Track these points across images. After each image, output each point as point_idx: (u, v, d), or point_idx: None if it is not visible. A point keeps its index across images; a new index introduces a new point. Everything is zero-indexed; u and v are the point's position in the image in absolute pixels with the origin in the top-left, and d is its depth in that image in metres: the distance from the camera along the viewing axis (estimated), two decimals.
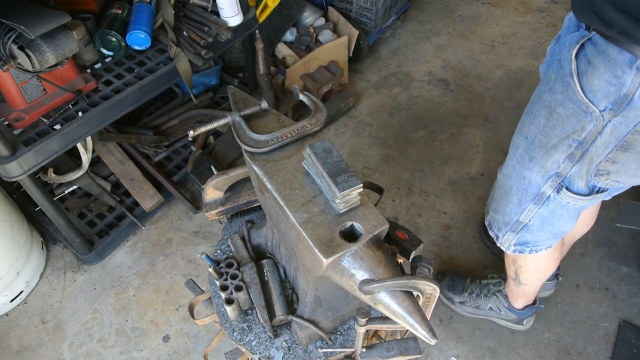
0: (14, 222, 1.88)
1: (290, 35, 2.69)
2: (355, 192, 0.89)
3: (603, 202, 2.07)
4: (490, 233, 1.41)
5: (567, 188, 1.13)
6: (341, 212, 0.91)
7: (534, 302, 1.72)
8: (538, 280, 1.57)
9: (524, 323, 1.75)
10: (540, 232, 1.28)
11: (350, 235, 0.91)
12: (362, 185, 0.89)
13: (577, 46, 0.96)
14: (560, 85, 1.01)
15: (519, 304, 1.71)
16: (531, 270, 1.52)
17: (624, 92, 0.91)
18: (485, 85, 2.75)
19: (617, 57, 0.90)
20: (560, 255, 1.49)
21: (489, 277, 1.80)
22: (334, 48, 2.55)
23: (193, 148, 2.30)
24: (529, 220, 1.26)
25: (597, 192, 1.13)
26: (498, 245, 1.39)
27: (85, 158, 1.93)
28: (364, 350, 1.06)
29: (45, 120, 1.65)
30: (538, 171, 1.15)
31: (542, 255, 1.43)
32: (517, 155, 1.20)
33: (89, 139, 1.90)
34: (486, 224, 1.42)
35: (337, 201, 0.89)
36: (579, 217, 1.27)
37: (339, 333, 1.16)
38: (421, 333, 0.82)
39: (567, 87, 0.99)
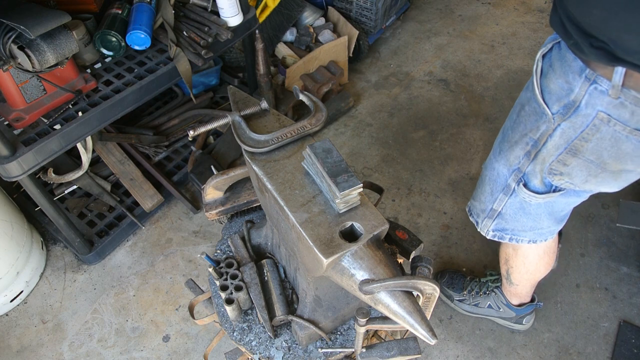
0: (14, 222, 1.88)
1: (290, 35, 2.69)
2: (355, 192, 0.89)
3: (603, 202, 2.08)
4: (471, 219, 1.45)
5: (525, 184, 1.18)
6: (341, 212, 0.91)
7: (532, 300, 1.72)
8: (528, 281, 1.58)
9: (523, 322, 1.75)
10: (515, 221, 1.31)
11: (350, 235, 0.91)
12: (362, 185, 0.89)
13: (546, 49, 1.03)
14: (530, 84, 1.09)
15: (514, 301, 1.72)
16: (521, 271, 1.53)
17: (572, 97, 0.97)
18: (485, 85, 2.75)
19: (571, 64, 0.95)
20: (552, 262, 1.50)
21: (488, 275, 1.81)
22: (334, 48, 2.55)
23: (193, 148, 2.30)
24: (502, 209, 1.30)
25: (554, 191, 1.17)
26: (478, 230, 1.42)
27: (85, 158, 1.93)
28: (364, 350, 1.06)
29: (45, 120, 1.65)
30: (504, 164, 1.21)
31: (531, 256, 1.45)
32: (495, 147, 1.28)
33: (89, 139, 1.90)
34: (466, 210, 1.47)
35: (337, 201, 0.89)
36: (563, 219, 1.29)
37: (339, 333, 1.16)
38: (421, 333, 0.82)
39: (533, 89, 1.07)
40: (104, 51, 1.83)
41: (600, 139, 0.97)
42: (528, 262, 1.48)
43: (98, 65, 1.83)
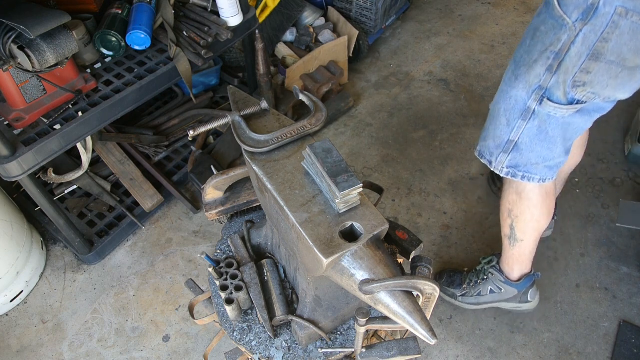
0: (14, 222, 1.88)
1: (290, 35, 2.69)
2: (355, 192, 0.89)
3: (603, 202, 2.08)
4: (483, 161, 1.45)
5: (548, 99, 1.22)
6: (341, 212, 0.91)
7: (530, 271, 1.72)
8: (533, 232, 1.57)
9: (529, 299, 1.74)
10: (530, 151, 1.34)
11: (350, 235, 0.91)
12: (362, 185, 0.89)
13: None
14: (544, 6, 1.16)
15: (515, 273, 1.70)
16: (527, 218, 1.53)
17: (591, 1, 1.03)
18: (485, 85, 2.75)
19: None
20: (552, 208, 1.52)
21: (481, 261, 1.81)
22: (334, 48, 2.55)
23: (193, 148, 2.30)
24: (519, 138, 1.33)
25: (577, 103, 1.21)
26: (492, 169, 1.43)
27: (85, 158, 1.93)
28: (364, 350, 1.06)
29: (45, 120, 1.65)
30: (523, 87, 1.25)
31: (534, 199, 1.47)
32: (506, 79, 1.32)
33: (89, 139, 1.90)
34: (476, 155, 1.48)
35: (337, 201, 0.89)
36: (569, 149, 1.35)
37: (339, 333, 1.16)
38: (421, 333, 0.82)
39: (547, 6, 1.13)
40: (104, 51, 1.83)
41: (619, 35, 1.04)
42: (532, 205, 1.49)
43: (98, 65, 1.83)
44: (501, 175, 1.43)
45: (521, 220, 1.55)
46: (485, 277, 1.76)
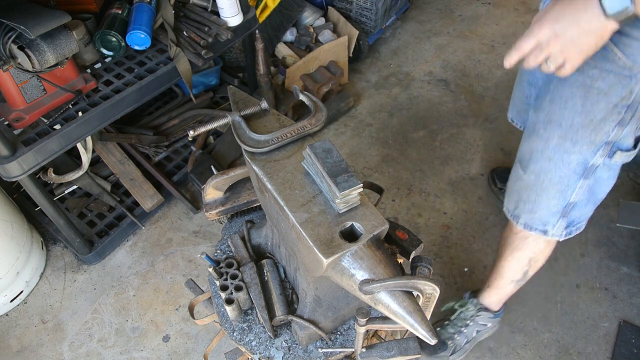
0: (14, 222, 1.88)
1: (290, 35, 2.69)
2: (355, 192, 0.89)
3: (603, 202, 2.08)
4: (534, 233, 1.36)
5: (619, 149, 1.13)
6: (341, 212, 0.91)
7: None
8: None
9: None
10: (587, 205, 1.26)
11: (350, 235, 0.91)
12: (362, 185, 0.89)
13: None
14: (594, 61, 1.00)
15: (500, 305, 1.68)
16: (545, 258, 1.47)
17: None
18: (485, 85, 2.75)
19: None
20: None
21: (457, 311, 1.72)
22: (334, 48, 2.55)
23: (193, 148, 2.30)
24: (579, 197, 1.24)
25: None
26: (549, 238, 1.35)
27: (85, 158, 1.93)
28: (364, 350, 1.06)
29: (45, 120, 1.65)
30: (587, 149, 1.13)
31: (553, 243, 1.41)
32: (552, 146, 1.17)
33: (89, 139, 1.90)
34: (521, 228, 1.37)
35: (337, 201, 0.89)
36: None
37: (339, 333, 1.16)
38: (421, 333, 0.82)
39: (602, 61, 0.99)
40: (104, 51, 1.83)
41: None
42: (552, 245, 1.44)
43: (98, 65, 1.83)
44: (560, 239, 1.33)
45: (540, 263, 1.49)
46: (469, 323, 1.69)
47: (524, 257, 1.47)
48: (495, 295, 1.65)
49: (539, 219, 1.32)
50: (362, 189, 0.90)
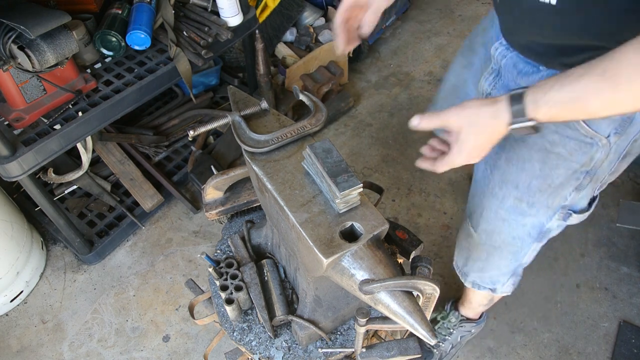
0: (14, 222, 1.88)
1: (290, 35, 2.69)
2: (355, 192, 0.89)
3: (603, 202, 2.08)
4: (481, 291, 1.36)
5: (574, 212, 1.11)
6: (341, 212, 0.91)
7: None
8: None
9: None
10: (530, 259, 1.27)
11: (350, 235, 0.91)
12: (362, 185, 0.89)
13: None
14: (553, 126, 0.97)
15: (479, 315, 1.71)
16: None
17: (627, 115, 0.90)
18: None
19: None
20: None
21: (439, 322, 1.73)
22: (334, 48, 2.54)
23: (193, 148, 2.30)
24: (531, 259, 1.24)
25: (594, 199, 1.13)
26: (497, 295, 1.36)
27: (85, 158, 1.93)
28: (364, 350, 1.06)
29: (45, 120, 1.65)
30: (543, 213, 1.11)
31: None
32: (507, 206, 1.13)
33: (89, 139, 1.90)
34: (469, 286, 1.37)
35: (337, 201, 0.89)
36: None
37: (339, 333, 1.16)
38: (421, 333, 0.82)
39: (563, 127, 0.96)
40: (104, 51, 1.83)
41: None
42: None
43: (98, 65, 1.83)
44: (505, 294, 1.35)
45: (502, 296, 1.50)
46: (452, 332, 1.71)
47: (483, 296, 1.50)
48: (471, 311, 1.68)
49: (488, 278, 1.32)
50: (362, 189, 0.90)
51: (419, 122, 0.79)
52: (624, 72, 0.65)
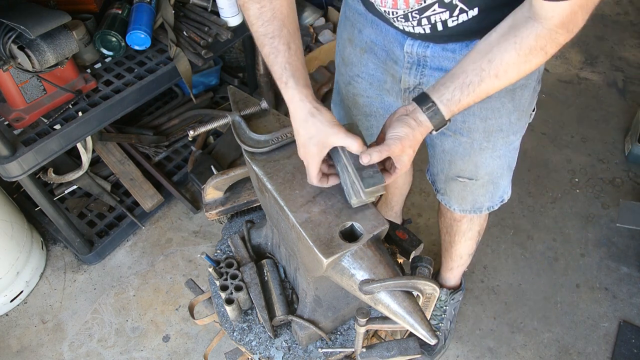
0: (14, 222, 1.88)
1: None
2: (381, 189, 0.88)
3: (603, 202, 2.08)
4: (495, 207, 1.43)
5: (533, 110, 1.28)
6: (354, 207, 0.91)
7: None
8: None
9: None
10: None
11: (350, 235, 0.91)
12: (385, 182, 0.88)
13: None
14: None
15: (460, 278, 1.80)
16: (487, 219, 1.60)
17: None
18: None
19: None
20: None
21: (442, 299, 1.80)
22: (334, 48, 2.54)
23: (193, 148, 2.30)
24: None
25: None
26: (505, 202, 1.43)
27: (85, 158, 1.93)
28: (364, 350, 1.06)
29: (45, 120, 1.65)
30: (523, 128, 1.26)
31: None
32: (498, 147, 1.27)
33: (89, 139, 1.90)
34: (486, 212, 1.44)
35: (357, 198, 0.88)
36: None
37: (339, 333, 1.16)
38: (421, 333, 0.82)
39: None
40: (104, 51, 1.83)
41: None
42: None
43: (98, 65, 1.83)
44: (494, 208, 1.42)
45: (483, 233, 1.63)
46: (446, 309, 1.77)
47: (474, 233, 1.59)
48: (458, 273, 1.76)
49: (498, 197, 1.41)
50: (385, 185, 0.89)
51: (369, 160, 0.86)
52: (510, 71, 0.86)
